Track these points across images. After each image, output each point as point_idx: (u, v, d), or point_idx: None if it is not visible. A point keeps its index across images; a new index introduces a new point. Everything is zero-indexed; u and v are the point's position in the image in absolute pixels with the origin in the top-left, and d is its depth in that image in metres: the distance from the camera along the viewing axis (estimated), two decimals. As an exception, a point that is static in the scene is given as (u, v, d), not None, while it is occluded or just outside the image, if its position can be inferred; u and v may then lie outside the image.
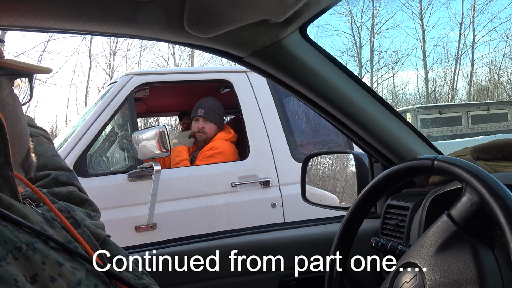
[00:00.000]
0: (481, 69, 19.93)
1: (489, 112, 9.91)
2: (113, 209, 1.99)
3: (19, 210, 0.48)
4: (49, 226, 0.52)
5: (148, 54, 24.69)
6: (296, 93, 1.01)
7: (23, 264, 0.42)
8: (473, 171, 0.58)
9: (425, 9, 18.78)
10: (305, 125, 2.81)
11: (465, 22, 18.74)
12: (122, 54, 17.31)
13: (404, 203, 1.01)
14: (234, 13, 0.74)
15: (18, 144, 0.59)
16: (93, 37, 14.74)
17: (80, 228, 0.59)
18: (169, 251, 1.03)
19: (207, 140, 2.57)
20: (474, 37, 18.77)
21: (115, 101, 2.23)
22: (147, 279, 0.62)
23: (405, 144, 1.05)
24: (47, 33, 9.26)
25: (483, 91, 19.41)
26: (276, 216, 2.29)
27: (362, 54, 19.37)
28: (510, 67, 19.40)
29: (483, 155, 1.00)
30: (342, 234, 0.82)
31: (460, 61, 19.26)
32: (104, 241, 0.64)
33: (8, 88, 0.59)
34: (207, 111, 2.57)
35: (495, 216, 0.53)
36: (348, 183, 1.66)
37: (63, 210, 0.60)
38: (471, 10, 18.48)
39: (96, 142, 2.25)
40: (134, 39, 1.33)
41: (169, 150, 1.92)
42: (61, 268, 0.45)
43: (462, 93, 19.90)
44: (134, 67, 16.96)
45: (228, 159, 2.45)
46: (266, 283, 1.08)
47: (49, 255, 0.45)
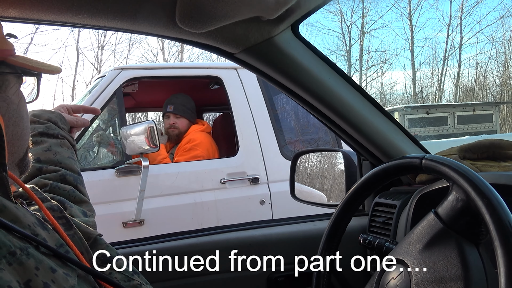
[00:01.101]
0: (467, 70, 20.32)
1: (475, 113, 10.10)
2: (100, 205, 1.96)
3: (12, 212, 0.47)
4: (42, 228, 0.51)
5: (137, 48, 24.42)
6: (286, 90, 1.01)
7: (17, 269, 0.41)
8: (460, 170, 0.59)
9: (414, 10, 19.03)
10: (294, 122, 2.82)
11: (453, 24, 19.05)
12: (110, 48, 17.09)
13: (392, 201, 1.03)
14: (227, 9, 0.74)
15: (18, 144, 0.59)
16: (81, 30, 14.51)
17: (72, 230, 0.58)
18: (158, 247, 1.03)
19: (180, 134, 2.59)
20: (461, 39, 19.09)
21: (103, 95, 2.21)
22: (138, 279, 0.62)
23: (394, 143, 1.07)
24: (34, 25, 9.08)
25: (469, 92, 19.74)
26: (265, 213, 2.30)
27: (352, 53, 19.52)
28: (495, 69, 19.78)
29: (469, 154, 1.02)
30: (331, 231, 0.82)
31: (448, 62, 19.60)
32: (95, 240, 0.63)
33: (15, 86, 0.58)
34: (176, 106, 2.59)
35: (480, 214, 0.55)
36: (336, 181, 1.67)
37: (55, 209, 0.60)
38: (459, 12, 18.79)
39: (83, 136, 2.22)
40: (124, 32, 1.31)
41: (158, 146, 1.91)
42: (54, 274, 0.45)
43: (448, 93, 20.23)
44: (123, 61, 16.76)
45: (207, 149, 2.46)
46: (254, 279, 1.08)
47: (43, 260, 0.45)
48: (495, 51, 19.57)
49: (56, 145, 0.84)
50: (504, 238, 0.50)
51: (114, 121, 2.53)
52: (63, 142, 0.86)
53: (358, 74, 19.21)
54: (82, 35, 16.31)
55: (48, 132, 0.84)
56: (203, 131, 2.58)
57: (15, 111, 0.58)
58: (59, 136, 0.86)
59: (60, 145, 0.85)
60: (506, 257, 0.48)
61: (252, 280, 1.08)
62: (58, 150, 0.83)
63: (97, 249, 0.62)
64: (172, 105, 2.60)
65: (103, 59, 16.76)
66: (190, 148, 2.44)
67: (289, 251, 1.10)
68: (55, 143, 0.84)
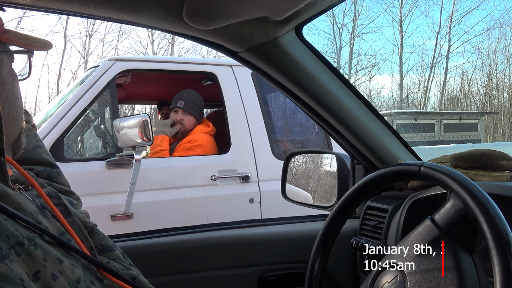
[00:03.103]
0: (453, 78, 20.67)
1: (461, 121, 10.31)
2: (88, 196, 1.94)
3: (14, 200, 0.46)
4: (43, 216, 0.49)
5: (126, 39, 24.09)
6: (287, 91, 1.02)
7: (25, 260, 0.40)
8: (459, 179, 0.61)
9: (405, 16, 19.26)
10: (287, 122, 2.83)
11: (442, 32, 19.36)
12: (99, 38, 16.82)
13: (384, 205, 1.04)
14: (235, 8, 0.74)
15: (13, 125, 0.57)
16: (69, 17, 14.22)
17: (71, 217, 0.57)
18: (151, 242, 1.02)
19: (185, 132, 2.55)
20: (449, 47, 19.42)
21: (96, 85, 2.17)
22: (134, 269, 0.62)
23: (388, 149, 1.08)
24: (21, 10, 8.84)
25: (453, 100, 20.11)
26: (253, 212, 2.31)
27: (342, 56, 19.65)
28: (480, 79, 20.20)
29: (461, 163, 1.04)
30: (325, 232, 0.83)
31: (434, 69, 19.91)
32: (91, 229, 0.63)
33: (8, 65, 0.56)
34: (187, 103, 2.55)
35: (477, 223, 0.56)
36: (320, 182, 1.68)
37: (52, 195, 0.58)
38: (449, 21, 19.09)
39: (75, 127, 2.19)
40: (128, 25, 1.29)
41: (151, 140, 1.89)
42: (61, 265, 0.44)
43: (434, 100, 20.58)
44: (111, 51, 16.51)
45: (206, 152, 2.44)
46: (245, 277, 1.09)
47: (50, 251, 0.44)
48: (481, 61, 20.03)
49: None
50: (500, 247, 0.51)
51: (107, 112, 2.49)
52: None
53: (347, 77, 19.37)
54: (70, 22, 16.00)
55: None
56: (207, 133, 2.54)
57: (9, 92, 0.56)
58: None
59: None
60: (503, 265, 0.50)
61: (243, 278, 1.09)
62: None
63: (94, 239, 0.61)
64: (183, 101, 2.54)
65: (91, 47, 16.49)
66: (189, 148, 2.41)
67: (281, 251, 1.11)
68: None
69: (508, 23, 19.19)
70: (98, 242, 0.61)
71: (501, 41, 19.25)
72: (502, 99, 19.38)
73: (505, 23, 19.24)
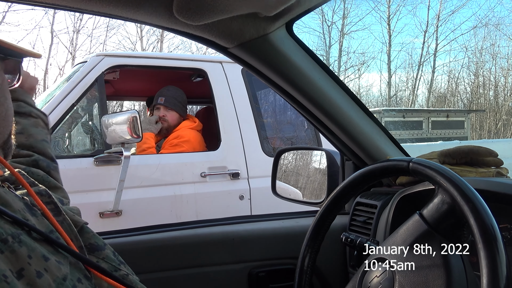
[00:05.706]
0: (440, 77, 20.99)
1: (448, 119, 10.46)
2: (77, 194, 1.91)
3: (1, 196, 0.46)
4: (31, 214, 0.49)
5: (114, 35, 23.82)
6: (277, 87, 1.02)
7: (9, 257, 0.40)
8: (447, 175, 0.62)
9: (393, 15, 19.37)
10: (277, 119, 2.84)
11: (429, 31, 19.54)
12: (86, 33, 16.59)
13: (372, 201, 1.05)
14: (226, 3, 0.74)
15: (2, 125, 0.56)
16: (56, 11, 13.99)
17: (61, 216, 0.56)
18: (141, 239, 1.02)
19: (169, 128, 2.54)
20: (436, 46, 19.62)
21: (84, 81, 2.14)
22: (124, 269, 0.61)
23: (378, 145, 1.09)
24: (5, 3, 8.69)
25: (441, 97, 20.37)
26: (243, 208, 2.31)
27: (331, 54, 19.73)
28: (467, 77, 20.48)
29: (448, 159, 1.06)
30: (315, 228, 0.84)
31: (422, 67, 20.10)
32: (81, 228, 0.62)
33: None
34: (168, 99, 2.55)
35: (464, 217, 0.57)
36: (310, 179, 1.69)
37: (43, 194, 0.58)
38: (436, 20, 19.29)
39: (62, 124, 2.15)
40: (118, 19, 1.28)
41: (140, 136, 1.88)
42: (47, 262, 0.44)
43: (421, 98, 20.79)
44: (99, 47, 16.30)
45: (194, 148, 2.44)
46: (235, 274, 1.09)
47: (35, 248, 0.43)
48: (468, 59, 20.29)
49: (30, 125, 0.79)
50: (487, 241, 0.52)
51: (95, 108, 2.46)
52: (37, 122, 0.81)
53: (337, 75, 19.38)
54: (57, 17, 15.72)
55: (19, 111, 0.79)
56: (193, 129, 2.54)
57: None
58: (32, 115, 0.80)
59: (34, 125, 0.80)
60: (489, 259, 0.51)
61: (233, 274, 1.09)
62: (32, 132, 0.79)
63: (84, 238, 0.61)
64: (163, 97, 2.54)
65: (78, 43, 16.25)
66: (177, 144, 2.40)
67: (271, 247, 1.12)
68: (28, 123, 0.79)
69: (492, 22, 19.48)
70: (88, 241, 0.61)
71: (486, 39, 19.55)
72: (488, 97, 19.70)
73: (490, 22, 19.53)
